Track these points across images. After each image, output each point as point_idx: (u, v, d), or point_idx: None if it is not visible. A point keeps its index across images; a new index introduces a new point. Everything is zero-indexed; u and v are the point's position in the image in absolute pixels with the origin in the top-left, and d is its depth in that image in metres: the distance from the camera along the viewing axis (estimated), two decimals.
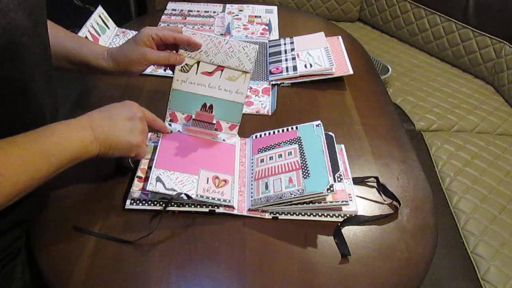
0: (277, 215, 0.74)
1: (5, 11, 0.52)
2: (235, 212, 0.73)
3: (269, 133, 0.86)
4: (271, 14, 1.40)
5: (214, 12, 1.39)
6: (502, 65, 1.62)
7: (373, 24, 2.01)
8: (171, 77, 0.81)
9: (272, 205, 0.73)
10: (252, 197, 0.75)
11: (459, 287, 1.01)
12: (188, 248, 0.68)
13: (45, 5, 0.65)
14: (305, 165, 0.75)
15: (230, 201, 0.73)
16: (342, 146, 0.88)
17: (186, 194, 0.71)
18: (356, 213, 0.75)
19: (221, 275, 0.65)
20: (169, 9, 1.39)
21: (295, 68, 1.08)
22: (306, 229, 0.73)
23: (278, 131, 0.85)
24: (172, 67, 0.81)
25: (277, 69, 1.11)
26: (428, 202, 0.80)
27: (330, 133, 0.85)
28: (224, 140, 0.84)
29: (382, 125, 0.98)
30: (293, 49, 1.16)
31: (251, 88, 1.06)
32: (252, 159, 0.82)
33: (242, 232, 0.71)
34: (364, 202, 0.79)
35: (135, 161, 0.78)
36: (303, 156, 0.77)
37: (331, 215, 0.74)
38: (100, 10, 1.19)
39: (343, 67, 1.09)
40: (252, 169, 0.80)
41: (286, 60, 1.13)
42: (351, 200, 0.75)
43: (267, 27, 1.33)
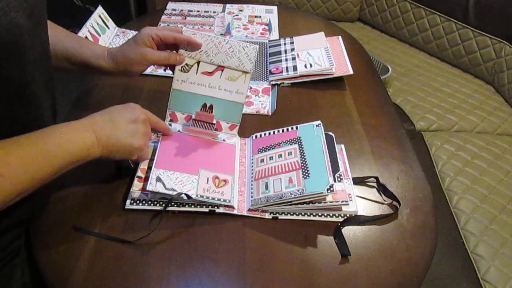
0: (277, 215, 0.74)
1: (5, 11, 0.52)
2: (235, 212, 0.73)
3: (269, 133, 0.86)
4: (271, 14, 1.40)
5: (214, 12, 1.39)
6: (502, 65, 1.62)
7: (373, 24, 2.01)
8: (171, 77, 0.81)
9: (272, 205, 0.73)
10: (252, 197, 0.75)
11: (459, 287, 1.01)
12: (188, 248, 0.68)
13: (45, 6, 0.65)
14: (305, 165, 0.75)
15: (230, 201, 0.73)
16: (342, 146, 0.88)
17: (186, 194, 0.71)
18: (356, 213, 0.75)
19: (221, 275, 0.65)
20: (169, 9, 1.39)
21: (295, 68, 1.08)
22: (306, 229, 0.73)
23: (278, 131, 0.85)
24: (172, 67, 0.81)
25: (277, 69, 1.11)
26: (428, 202, 0.80)
27: (330, 133, 0.85)
28: (224, 140, 0.84)
29: (382, 125, 0.98)
30: (293, 49, 1.16)
31: (251, 88, 1.06)
32: (252, 159, 0.82)
33: (242, 232, 0.71)
34: (364, 202, 0.79)
35: (135, 161, 0.78)
36: (303, 156, 0.77)
37: (331, 215, 0.74)
38: (100, 10, 1.19)
39: (343, 67, 1.09)
40: (252, 169, 0.80)
41: (286, 60, 1.12)
42: (351, 200, 0.75)
43: (267, 27, 1.33)
